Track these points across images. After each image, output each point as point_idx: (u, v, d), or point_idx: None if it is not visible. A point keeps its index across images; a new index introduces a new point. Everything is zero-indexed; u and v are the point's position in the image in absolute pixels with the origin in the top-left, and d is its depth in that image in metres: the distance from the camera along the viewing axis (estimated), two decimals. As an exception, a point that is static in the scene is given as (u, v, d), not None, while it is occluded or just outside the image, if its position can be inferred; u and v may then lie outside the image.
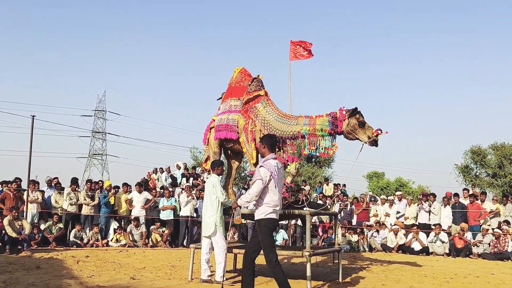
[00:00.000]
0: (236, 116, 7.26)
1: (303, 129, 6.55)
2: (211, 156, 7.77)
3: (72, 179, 12.16)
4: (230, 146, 7.64)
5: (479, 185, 26.29)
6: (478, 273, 8.09)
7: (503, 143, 27.18)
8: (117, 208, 12.31)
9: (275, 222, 4.98)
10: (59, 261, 8.36)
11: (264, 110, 6.99)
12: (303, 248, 6.47)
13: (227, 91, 7.81)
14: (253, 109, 7.08)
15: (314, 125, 6.50)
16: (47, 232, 10.74)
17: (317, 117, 6.56)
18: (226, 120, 7.37)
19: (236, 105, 7.39)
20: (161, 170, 15.41)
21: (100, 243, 11.29)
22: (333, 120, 6.42)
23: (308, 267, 5.95)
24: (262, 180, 4.77)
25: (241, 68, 7.88)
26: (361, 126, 6.29)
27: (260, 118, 6.93)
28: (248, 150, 7.00)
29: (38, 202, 11.23)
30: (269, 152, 5.01)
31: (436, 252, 11.24)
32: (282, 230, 12.42)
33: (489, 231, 11.04)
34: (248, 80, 7.61)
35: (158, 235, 11.96)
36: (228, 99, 7.59)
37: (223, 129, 7.34)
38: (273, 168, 4.84)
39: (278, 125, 6.77)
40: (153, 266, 8.03)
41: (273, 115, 6.89)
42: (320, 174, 28.07)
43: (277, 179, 4.88)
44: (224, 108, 7.58)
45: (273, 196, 4.85)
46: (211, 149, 7.80)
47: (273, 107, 7.03)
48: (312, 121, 6.55)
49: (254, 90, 7.26)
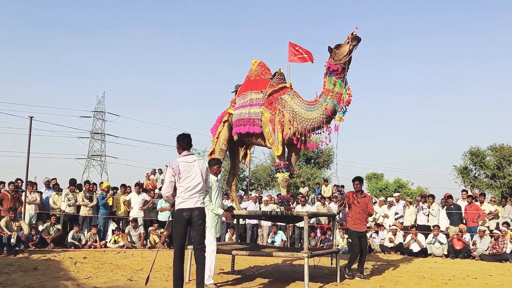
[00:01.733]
0: (260, 109, 7.06)
1: (328, 103, 6.51)
2: (216, 152, 7.67)
3: (70, 180, 12.14)
4: (248, 140, 7.47)
5: (478, 186, 26.30)
6: (476, 275, 8.08)
7: (502, 144, 27.19)
8: (115, 209, 12.29)
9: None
10: (57, 262, 8.34)
11: (292, 101, 6.84)
12: (301, 250, 6.46)
13: (244, 84, 7.60)
14: (279, 100, 6.91)
15: (329, 91, 6.51)
16: (45, 233, 10.71)
17: (324, 85, 6.60)
18: (247, 114, 7.15)
19: (258, 98, 7.18)
20: (159, 171, 15.40)
21: (98, 244, 11.26)
22: (330, 71, 6.49)
23: (306, 268, 5.94)
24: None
25: (260, 61, 7.72)
26: (338, 48, 6.40)
27: (288, 108, 6.79)
28: (274, 141, 6.81)
29: (36, 203, 11.21)
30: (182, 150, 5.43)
31: (434, 254, 11.22)
32: (281, 232, 12.40)
33: (486, 232, 11.03)
34: (268, 74, 7.49)
35: (156, 236, 11.94)
36: (247, 92, 7.37)
37: (245, 123, 7.13)
38: (176, 165, 5.23)
39: (308, 114, 6.66)
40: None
41: (302, 105, 6.77)
42: (319, 175, 28.05)
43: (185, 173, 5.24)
44: (243, 101, 7.36)
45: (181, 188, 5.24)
46: (218, 145, 7.68)
47: (300, 98, 6.91)
48: (326, 91, 6.56)
49: (277, 83, 7.14)
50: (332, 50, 6.46)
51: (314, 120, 6.63)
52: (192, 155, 5.45)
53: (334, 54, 6.44)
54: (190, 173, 5.24)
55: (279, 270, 8.19)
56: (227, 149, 7.81)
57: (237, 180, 8.14)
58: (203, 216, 5.34)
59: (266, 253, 6.83)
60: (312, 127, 6.66)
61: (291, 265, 8.85)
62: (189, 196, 5.22)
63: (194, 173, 5.25)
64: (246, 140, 7.53)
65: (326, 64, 6.59)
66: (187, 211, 5.21)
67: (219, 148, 7.68)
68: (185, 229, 5.33)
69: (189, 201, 5.22)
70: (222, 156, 7.71)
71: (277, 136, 6.76)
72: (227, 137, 7.68)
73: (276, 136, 6.77)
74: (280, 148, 6.78)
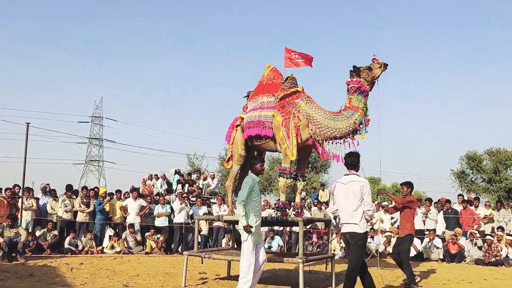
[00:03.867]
0: (272, 112, 7.00)
1: (357, 118, 6.56)
2: (235, 158, 7.57)
3: (67, 186, 12.15)
4: (258, 144, 7.32)
5: (475, 190, 26.36)
6: (471, 279, 8.12)
7: (499, 149, 27.25)
8: (111, 215, 12.31)
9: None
10: (53, 269, 8.34)
11: (306, 106, 6.83)
12: (296, 255, 6.49)
13: (257, 89, 7.61)
14: (292, 104, 6.89)
15: (358, 108, 6.59)
16: (42, 239, 10.71)
17: (350, 101, 6.65)
18: (258, 116, 7.10)
19: (270, 101, 7.16)
20: (156, 177, 15.42)
21: (95, 250, 11.27)
22: (359, 90, 6.60)
23: (301, 274, 5.97)
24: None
25: (273, 66, 7.74)
26: (370, 69, 6.59)
27: (304, 113, 6.77)
28: (288, 146, 6.69)
29: (32, 210, 11.21)
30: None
31: (430, 258, 11.26)
32: (277, 237, 12.42)
33: (476, 235, 11.10)
34: (280, 79, 7.51)
35: (153, 242, 11.95)
36: (258, 96, 7.36)
37: (255, 126, 7.07)
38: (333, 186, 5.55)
39: (333, 123, 6.66)
40: (147, 273, 8.02)
41: (322, 113, 6.76)
42: (316, 180, 28.06)
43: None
44: (254, 105, 7.34)
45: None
46: (236, 150, 7.56)
47: (316, 104, 6.91)
48: (353, 107, 6.62)
49: (289, 87, 7.15)
50: (362, 71, 6.59)
51: (339, 130, 6.63)
52: (351, 175, 5.47)
53: (366, 75, 6.57)
54: (344, 193, 5.39)
55: (275, 276, 8.21)
56: (246, 153, 7.58)
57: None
58: (355, 236, 5.36)
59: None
60: (335, 136, 6.67)
61: (287, 271, 8.87)
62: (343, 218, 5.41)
63: (345, 193, 5.38)
64: (256, 144, 7.35)
65: (352, 82, 6.65)
66: (343, 234, 5.49)
67: (238, 154, 7.53)
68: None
69: (344, 225, 5.43)
70: (241, 162, 7.56)
71: (291, 141, 6.68)
72: (243, 142, 7.53)
73: (291, 141, 6.69)
74: (294, 153, 6.68)
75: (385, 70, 6.58)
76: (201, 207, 12.93)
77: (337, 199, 5.49)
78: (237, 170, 7.71)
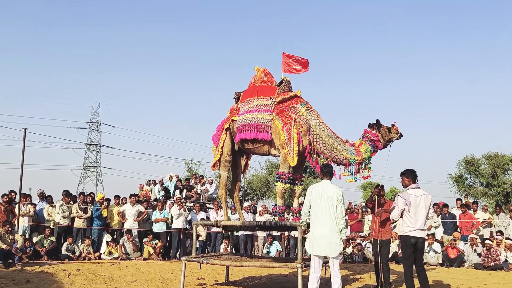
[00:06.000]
0: (271, 116, 6.83)
1: (351, 157, 6.65)
2: (222, 163, 7.42)
3: (65, 191, 12.09)
4: (250, 147, 7.15)
5: (473, 195, 26.38)
6: (470, 283, 8.10)
7: (496, 153, 27.33)
8: (109, 221, 12.25)
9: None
10: (50, 275, 8.28)
11: (309, 116, 6.78)
12: (295, 260, 6.46)
13: (249, 90, 7.42)
14: (292, 109, 6.79)
15: (361, 154, 6.70)
16: (39, 246, 10.65)
17: (359, 145, 6.77)
18: (254, 119, 6.88)
19: (266, 104, 6.97)
20: (153, 183, 15.38)
21: (93, 256, 11.20)
22: (373, 143, 6.74)
23: (300, 279, 5.94)
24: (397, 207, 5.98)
25: (263, 68, 7.61)
26: (389, 131, 6.78)
27: (305, 120, 6.73)
28: (289, 151, 6.56)
29: (29, 216, 11.15)
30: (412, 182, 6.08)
31: (429, 263, 11.23)
32: (276, 242, 12.40)
33: (477, 240, 11.08)
34: (274, 81, 7.39)
35: (151, 247, 11.90)
36: (252, 98, 7.15)
37: (252, 129, 6.85)
38: (408, 197, 5.91)
39: (332, 142, 6.71)
40: (144, 279, 7.97)
41: (325, 129, 6.78)
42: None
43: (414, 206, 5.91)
44: (249, 107, 7.11)
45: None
46: (223, 156, 7.38)
47: (315, 112, 6.88)
48: (357, 150, 6.72)
49: (286, 91, 7.09)
50: (383, 128, 6.78)
51: (334, 150, 6.71)
52: (419, 188, 6.07)
53: (385, 133, 6.75)
54: (418, 205, 5.92)
55: (274, 281, 8.17)
56: (231, 160, 7.48)
57: (239, 192, 7.96)
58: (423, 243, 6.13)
59: (261, 264, 6.83)
60: (329, 154, 6.70)
61: (286, 276, 8.84)
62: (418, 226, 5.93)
63: (420, 206, 5.92)
64: (248, 147, 7.20)
65: (371, 133, 6.80)
66: (414, 238, 5.94)
67: (224, 160, 7.38)
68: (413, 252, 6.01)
69: (418, 231, 5.94)
70: (227, 168, 7.45)
71: (293, 147, 6.58)
72: (230, 147, 7.39)
73: (292, 147, 6.58)
74: (295, 159, 6.56)
75: (399, 139, 6.82)
76: (199, 212, 12.88)
77: (417, 209, 5.95)
78: (225, 176, 7.56)
